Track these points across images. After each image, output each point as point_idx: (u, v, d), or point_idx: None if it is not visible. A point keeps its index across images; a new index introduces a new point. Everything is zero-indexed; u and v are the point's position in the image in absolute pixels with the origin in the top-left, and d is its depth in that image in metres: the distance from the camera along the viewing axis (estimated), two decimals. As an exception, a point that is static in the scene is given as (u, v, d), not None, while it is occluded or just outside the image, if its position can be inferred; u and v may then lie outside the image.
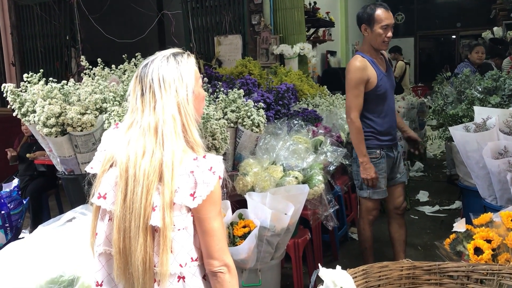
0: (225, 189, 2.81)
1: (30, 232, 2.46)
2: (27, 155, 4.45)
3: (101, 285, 1.48)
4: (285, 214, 2.56)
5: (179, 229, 1.38)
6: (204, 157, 1.39)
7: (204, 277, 1.46)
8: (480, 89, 3.39)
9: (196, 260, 1.43)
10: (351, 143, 4.28)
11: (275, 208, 2.54)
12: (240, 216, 2.62)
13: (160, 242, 1.35)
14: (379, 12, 2.97)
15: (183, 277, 1.41)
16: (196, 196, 1.35)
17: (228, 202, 2.61)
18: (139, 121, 1.41)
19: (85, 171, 1.54)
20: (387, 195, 3.20)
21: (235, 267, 1.47)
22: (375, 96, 3.04)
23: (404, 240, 3.35)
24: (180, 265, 1.39)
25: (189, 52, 1.50)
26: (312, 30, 7.31)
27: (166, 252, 1.35)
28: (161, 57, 1.44)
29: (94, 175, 1.49)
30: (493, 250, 2.05)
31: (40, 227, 2.40)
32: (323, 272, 1.78)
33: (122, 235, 1.38)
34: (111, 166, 1.44)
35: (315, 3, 7.04)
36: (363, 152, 3.04)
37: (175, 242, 1.38)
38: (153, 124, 1.38)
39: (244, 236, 2.48)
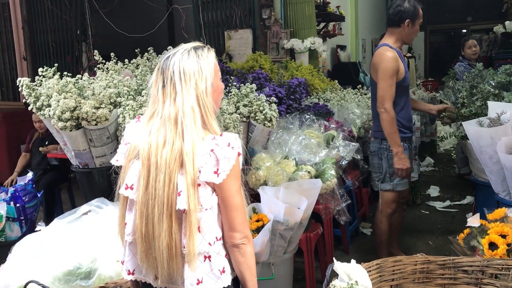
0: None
1: (46, 225, 2.49)
2: (40, 148, 4.49)
3: (133, 273, 1.53)
4: (298, 208, 2.57)
5: (206, 209, 1.43)
6: (221, 135, 1.44)
7: (226, 255, 1.50)
8: (493, 84, 3.36)
9: (220, 239, 1.48)
10: (362, 138, 4.30)
11: (288, 202, 2.56)
12: (254, 210, 2.64)
13: (187, 224, 1.40)
14: (420, 9, 3.08)
15: (209, 256, 1.45)
16: (220, 172, 1.40)
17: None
18: (160, 111, 1.46)
19: (111, 162, 1.58)
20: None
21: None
22: (402, 88, 3.07)
23: (399, 231, 3.50)
24: (209, 244, 1.43)
25: (209, 46, 1.54)
26: (322, 24, 7.28)
27: (195, 233, 1.39)
28: (182, 50, 1.48)
29: (119, 168, 1.54)
30: (508, 245, 2.05)
31: (56, 220, 2.43)
32: (338, 265, 1.80)
33: (145, 220, 1.42)
34: (135, 158, 1.48)
35: (325, -3, 7.01)
36: (397, 142, 3.02)
37: (203, 221, 1.42)
38: (173, 115, 1.43)
39: (257, 230, 2.49)
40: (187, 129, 1.41)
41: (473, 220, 2.32)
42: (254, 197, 2.80)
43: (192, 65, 1.45)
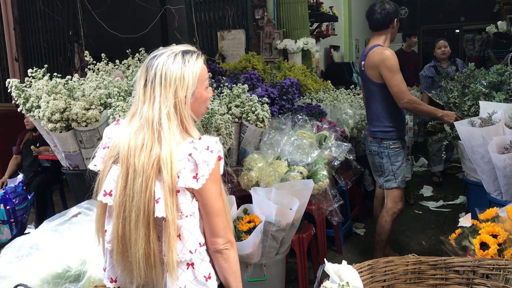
0: (230, 184, 2.81)
1: (36, 227, 2.47)
2: (32, 147, 4.45)
3: (115, 281, 1.50)
4: (290, 209, 2.56)
5: (186, 216, 1.39)
6: (199, 139, 1.41)
7: (211, 261, 1.48)
8: (485, 84, 3.37)
9: (203, 245, 1.45)
10: (355, 138, 4.30)
11: (280, 203, 2.54)
12: (245, 211, 2.62)
13: (166, 232, 1.36)
14: None
15: (192, 264, 1.43)
16: (199, 177, 1.37)
17: (233, 197, 2.61)
18: (139, 112, 1.43)
19: (89, 168, 1.55)
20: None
21: (241, 262, 1.49)
22: None
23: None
24: (190, 252, 1.40)
25: (201, 53, 1.50)
26: (315, 25, 7.27)
27: (174, 241, 1.36)
28: (170, 52, 1.44)
29: (96, 172, 1.51)
30: (499, 245, 2.05)
31: (45, 222, 2.41)
32: (329, 266, 1.79)
33: (122, 222, 1.39)
34: (114, 163, 1.45)
35: (318, -3, 7.01)
36: (434, 109, 3.28)
37: (183, 229, 1.39)
38: (151, 119, 1.39)
39: (249, 231, 2.48)
40: (164, 136, 1.38)
41: (465, 220, 2.32)
42: (246, 198, 2.79)
43: (175, 71, 1.40)
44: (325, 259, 1.87)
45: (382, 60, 3.06)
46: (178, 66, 1.41)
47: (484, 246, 2.07)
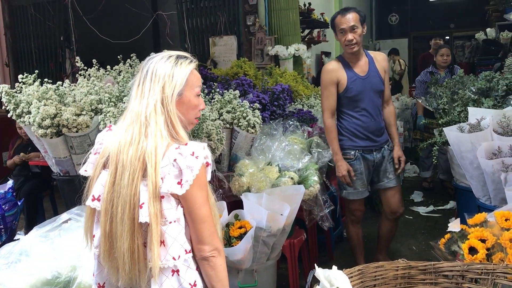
0: (221, 190, 2.82)
1: (25, 233, 2.45)
2: (21, 154, 4.43)
3: (103, 286, 1.50)
4: (281, 214, 2.57)
5: (170, 222, 1.39)
6: (186, 144, 1.41)
7: (197, 269, 1.47)
8: (474, 90, 3.40)
9: (189, 252, 1.44)
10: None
11: (271, 208, 2.55)
12: (236, 217, 2.62)
13: (149, 238, 1.37)
14: (336, 18, 3.07)
15: (177, 271, 1.42)
16: (183, 183, 1.37)
17: (224, 203, 2.61)
18: (131, 108, 1.46)
19: (80, 173, 1.56)
20: (365, 196, 3.28)
21: (232, 268, 1.49)
22: (346, 99, 3.13)
23: (390, 240, 3.45)
24: (174, 258, 1.39)
25: (195, 60, 1.53)
26: (306, 31, 7.32)
27: (157, 247, 1.36)
28: (165, 54, 1.49)
29: (87, 177, 1.52)
30: (488, 249, 2.06)
31: (35, 228, 2.39)
32: (319, 272, 1.79)
33: (109, 218, 1.40)
34: (104, 168, 1.46)
35: (309, 4, 7.06)
36: (334, 150, 3.14)
37: (167, 235, 1.39)
38: (139, 113, 1.43)
39: (240, 237, 2.48)
40: (151, 129, 1.40)
41: (454, 225, 2.34)
42: (237, 203, 2.79)
43: (165, 69, 1.45)
44: (315, 264, 1.88)
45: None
46: (170, 65, 1.46)
47: (472, 250, 2.09)
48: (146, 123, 1.41)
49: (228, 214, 2.63)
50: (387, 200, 3.29)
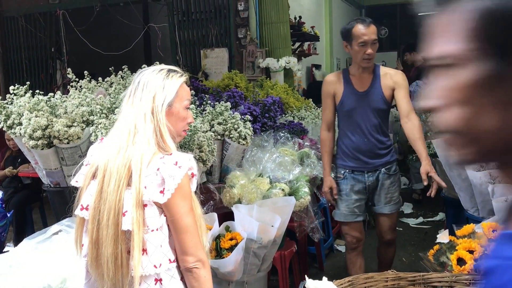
0: (211, 201, 2.82)
1: (15, 245, 2.44)
2: (7, 171, 4.41)
3: None
4: (272, 226, 2.58)
5: (152, 230, 1.40)
6: (170, 154, 1.44)
7: (182, 279, 1.47)
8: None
9: (173, 261, 1.45)
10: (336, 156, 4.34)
11: (262, 220, 2.56)
12: (227, 229, 2.63)
13: (131, 245, 1.38)
14: (357, 28, 2.75)
15: (160, 279, 1.42)
16: (165, 192, 1.38)
17: (215, 214, 2.62)
18: (122, 118, 1.50)
19: (71, 184, 1.58)
20: (357, 221, 3.00)
21: (222, 280, 1.50)
22: (342, 113, 2.96)
23: (387, 264, 3.16)
24: (155, 266, 1.40)
25: (186, 75, 1.58)
26: (297, 44, 7.38)
27: (138, 254, 1.37)
28: (156, 67, 1.54)
29: (77, 188, 1.54)
30: (476, 260, 2.09)
31: (25, 240, 2.38)
32: (310, 283, 1.81)
33: (96, 225, 1.42)
34: (93, 178, 1.48)
35: (300, 17, 7.13)
36: (323, 164, 3.04)
37: (149, 243, 1.40)
38: (128, 121, 1.46)
39: (231, 249, 2.49)
40: (139, 137, 1.43)
41: (443, 237, 2.36)
42: (228, 215, 2.80)
43: (156, 80, 1.49)
44: (305, 276, 1.89)
45: None
46: (161, 77, 1.50)
47: (461, 261, 2.11)
48: (135, 131, 1.44)
49: (219, 226, 2.64)
50: (378, 224, 3.11)
